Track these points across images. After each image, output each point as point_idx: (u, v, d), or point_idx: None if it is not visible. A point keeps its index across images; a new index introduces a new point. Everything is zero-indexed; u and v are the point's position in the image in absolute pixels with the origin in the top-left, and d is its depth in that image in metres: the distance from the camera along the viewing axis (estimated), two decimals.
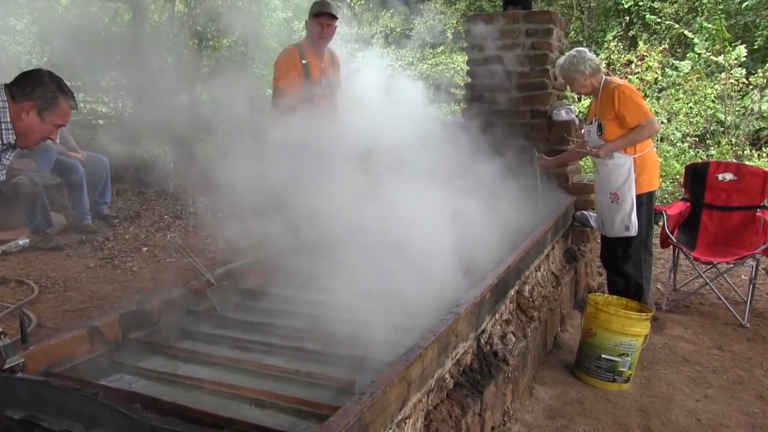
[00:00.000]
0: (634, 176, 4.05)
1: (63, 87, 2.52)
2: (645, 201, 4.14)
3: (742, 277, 5.28)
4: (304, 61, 4.31)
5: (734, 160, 7.70)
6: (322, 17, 4.28)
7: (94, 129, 8.40)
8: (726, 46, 9.14)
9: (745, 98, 9.08)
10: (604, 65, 9.69)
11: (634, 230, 4.10)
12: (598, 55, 10.29)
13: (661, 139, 8.76)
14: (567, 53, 4.19)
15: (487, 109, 5.17)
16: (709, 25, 9.71)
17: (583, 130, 4.68)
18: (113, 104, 10.06)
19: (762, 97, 8.89)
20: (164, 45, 8.95)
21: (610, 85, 4.05)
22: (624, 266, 4.24)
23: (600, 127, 4.07)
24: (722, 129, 9.09)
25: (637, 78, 9.47)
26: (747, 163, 7.41)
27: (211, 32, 9.33)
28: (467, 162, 3.90)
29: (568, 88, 5.21)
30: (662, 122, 8.87)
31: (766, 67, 9.04)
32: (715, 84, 9.22)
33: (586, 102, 9.14)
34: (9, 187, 5.56)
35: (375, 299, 2.88)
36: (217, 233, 6.18)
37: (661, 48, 10.06)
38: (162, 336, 2.73)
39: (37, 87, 2.48)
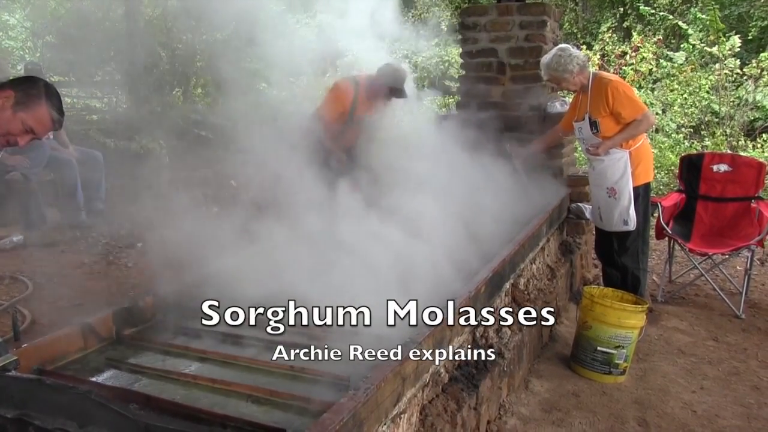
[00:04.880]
0: (631, 169, 4.03)
1: (52, 97, 2.34)
2: (642, 193, 4.12)
3: (737, 268, 5.29)
4: (353, 101, 4.45)
5: (729, 151, 7.70)
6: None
7: (87, 124, 8.36)
8: (720, 37, 9.11)
9: (739, 89, 9.06)
10: (599, 56, 9.66)
11: (632, 224, 4.09)
12: (592, 47, 10.29)
13: (656, 131, 8.74)
14: (550, 52, 4.11)
15: (481, 101, 5.15)
16: (703, 16, 9.68)
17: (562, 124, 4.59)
18: (107, 99, 10.02)
19: (756, 87, 8.88)
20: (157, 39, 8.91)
21: (602, 82, 3.98)
22: (621, 258, 4.22)
23: (595, 125, 4.03)
24: (717, 120, 9.08)
25: (631, 69, 9.44)
26: (741, 153, 7.41)
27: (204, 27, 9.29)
28: (460, 154, 3.89)
29: None
30: (657, 113, 8.85)
31: (760, 58, 9.02)
32: (709, 75, 9.21)
33: None
34: (2, 183, 5.52)
35: (373, 296, 2.87)
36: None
37: (655, 39, 10.02)
38: (156, 333, 2.72)
39: (27, 82, 2.37)
